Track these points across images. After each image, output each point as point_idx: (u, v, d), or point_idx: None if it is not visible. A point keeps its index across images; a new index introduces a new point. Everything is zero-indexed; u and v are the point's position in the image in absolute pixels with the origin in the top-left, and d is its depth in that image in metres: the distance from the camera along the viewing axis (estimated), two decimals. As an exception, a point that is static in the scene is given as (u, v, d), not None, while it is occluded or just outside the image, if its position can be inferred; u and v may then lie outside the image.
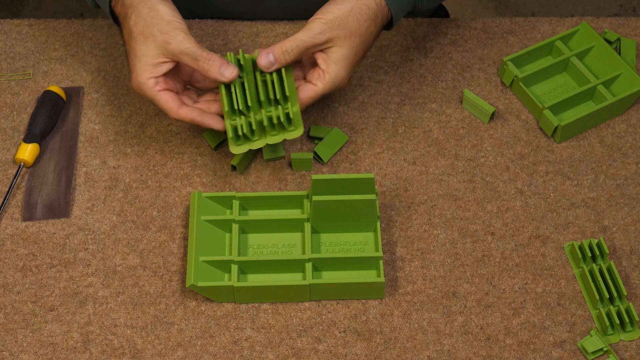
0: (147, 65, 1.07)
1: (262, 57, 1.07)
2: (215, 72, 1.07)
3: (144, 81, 1.08)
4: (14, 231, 1.12)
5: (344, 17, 1.08)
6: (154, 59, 1.07)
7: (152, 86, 1.08)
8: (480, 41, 1.28)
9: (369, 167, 1.17)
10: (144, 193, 1.15)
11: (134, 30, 1.08)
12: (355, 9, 1.09)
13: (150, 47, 1.07)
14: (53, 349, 1.04)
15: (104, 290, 1.08)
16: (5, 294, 1.07)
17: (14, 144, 1.19)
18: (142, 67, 1.07)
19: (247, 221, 1.09)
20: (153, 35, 1.06)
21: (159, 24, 1.06)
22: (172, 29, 1.06)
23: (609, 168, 1.17)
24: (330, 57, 1.09)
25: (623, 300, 1.07)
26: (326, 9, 1.09)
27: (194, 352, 1.04)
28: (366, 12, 1.09)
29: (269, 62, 1.07)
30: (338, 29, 1.08)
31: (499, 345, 1.04)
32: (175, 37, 1.06)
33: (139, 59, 1.07)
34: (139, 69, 1.07)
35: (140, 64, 1.07)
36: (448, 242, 1.11)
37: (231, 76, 1.07)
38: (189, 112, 1.08)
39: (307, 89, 1.10)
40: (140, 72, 1.07)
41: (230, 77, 1.07)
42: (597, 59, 1.23)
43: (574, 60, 1.22)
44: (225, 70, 1.07)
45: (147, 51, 1.07)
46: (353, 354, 1.04)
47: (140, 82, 1.08)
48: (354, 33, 1.09)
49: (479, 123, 1.21)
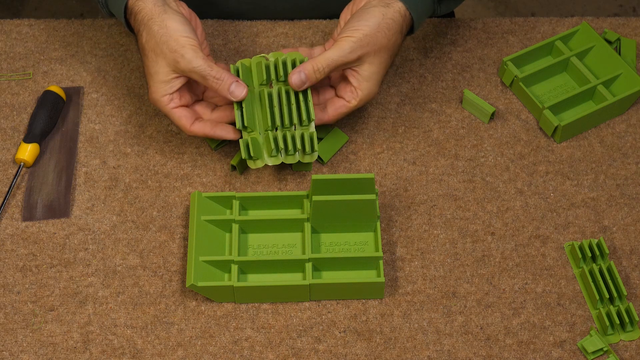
0: (159, 83, 1.09)
1: (294, 76, 1.09)
2: (224, 92, 1.09)
3: (159, 98, 1.10)
4: (14, 231, 1.12)
5: (372, 34, 1.09)
6: (166, 76, 1.09)
7: (166, 103, 1.10)
8: (480, 41, 1.28)
9: (369, 167, 1.17)
10: (144, 193, 1.15)
11: (145, 48, 1.09)
12: (382, 25, 1.10)
13: (161, 65, 1.08)
14: (53, 349, 1.04)
15: (104, 290, 1.08)
16: (5, 294, 1.08)
17: (14, 144, 1.19)
18: (155, 85, 1.09)
19: (247, 221, 1.09)
20: (163, 54, 1.08)
21: (169, 42, 1.07)
22: (180, 47, 1.07)
23: (609, 168, 1.17)
24: (362, 75, 1.11)
25: (623, 300, 1.07)
26: (354, 25, 1.10)
27: (194, 352, 1.04)
28: (393, 26, 1.10)
29: (300, 81, 1.09)
30: (368, 46, 1.09)
31: (499, 345, 1.04)
32: (185, 55, 1.07)
33: (152, 77, 1.09)
34: (153, 86, 1.10)
35: (154, 82, 1.09)
36: (448, 242, 1.11)
37: (241, 95, 1.09)
38: (201, 128, 1.11)
39: (339, 105, 1.12)
40: (155, 89, 1.10)
41: (240, 97, 1.09)
42: (597, 59, 1.23)
43: (574, 60, 1.22)
44: (235, 90, 1.09)
45: (158, 69, 1.08)
46: (353, 354, 1.04)
47: (155, 99, 1.10)
48: (383, 49, 1.10)
49: (479, 123, 1.21)
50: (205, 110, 1.14)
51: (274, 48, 1.27)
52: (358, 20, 1.10)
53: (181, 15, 1.10)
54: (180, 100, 1.11)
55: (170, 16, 1.09)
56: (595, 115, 1.18)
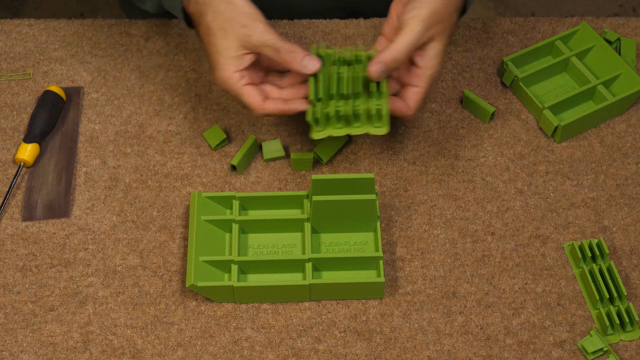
0: (230, 59, 1.06)
1: (374, 67, 1.06)
2: (297, 65, 1.06)
3: (229, 75, 1.07)
4: (14, 231, 1.12)
5: (439, 11, 1.06)
6: (237, 51, 1.06)
7: (237, 80, 1.07)
8: (480, 41, 1.28)
9: (369, 167, 1.17)
10: (144, 193, 1.15)
11: (212, 27, 1.07)
12: (446, 1, 1.07)
13: (231, 40, 1.06)
14: (53, 349, 1.04)
15: (104, 290, 1.08)
16: (5, 294, 1.08)
17: (14, 144, 1.19)
18: (225, 62, 1.06)
19: (247, 221, 1.09)
20: (233, 29, 1.05)
21: (238, 18, 1.05)
22: (252, 21, 1.05)
23: (609, 168, 1.17)
24: (428, 54, 1.07)
25: (623, 300, 1.07)
26: (418, 3, 1.06)
27: (194, 352, 1.04)
28: (455, 2, 1.08)
29: (380, 71, 1.06)
30: (436, 24, 1.06)
31: (499, 345, 1.04)
32: (256, 30, 1.05)
33: (221, 54, 1.07)
34: (223, 64, 1.07)
35: (224, 59, 1.07)
36: (448, 242, 1.11)
37: (314, 68, 1.06)
38: (273, 105, 1.08)
39: (412, 94, 1.08)
40: (224, 66, 1.07)
41: (313, 70, 1.06)
42: (597, 59, 1.23)
43: (574, 60, 1.22)
44: (308, 63, 1.06)
45: (228, 45, 1.06)
46: (353, 354, 1.04)
47: (226, 77, 1.07)
48: (448, 26, 1.08)
49: (479, 123, 1.21)
50: (273, 91, 1.11)
51: (274, 48, 1.27)
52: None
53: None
54: (249, 79, 1.08)
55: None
56: (595, 115, 1.18)
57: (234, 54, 1.06)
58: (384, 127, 1.08)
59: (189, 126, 1.20)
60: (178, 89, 1.23)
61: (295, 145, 1.19)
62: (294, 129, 1.20)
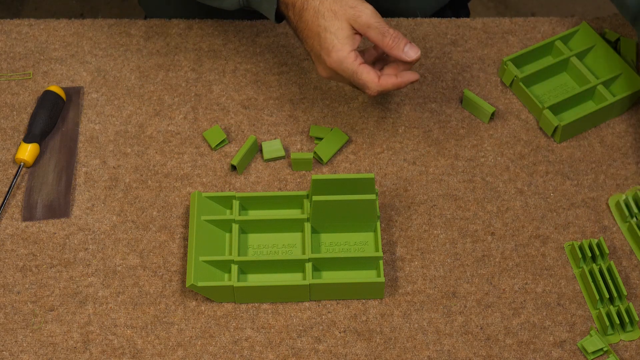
0: (346, 39, 1.06)
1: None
2: (399, 51, 1.07)
3: (346, 55, 1.07)
4: (14, 231, 1.12)
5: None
6: (349, 31, 1.06)
7: (354, 59, 1.07)
8: (480, 41, 1.28)
9: (369, 167, 1.17)
10: (144, 193, 1.15)
11: (321, 9, 1.07)
12: None
13: (342, 21, 1.06)
14: (53, 349, 1.04)
15: (104, 290, 1.08)
16: (5, 294, 1.07)
17: (14, 144, 1.19)
18: (341, 42, 1.06)
19: (247, 221, 1.09)
20: (343, 10, 1.06)
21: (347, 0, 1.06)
22: (360, 3, 1.06)
23: (609, 168, 1.17)
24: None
25: (623, 300, 1.07)
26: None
27: (194, 352, 1.04)
28: None
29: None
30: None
31: (499, 345, 1.04)
32: (364, 11, 1.06)
33: (335, 35, 1.06)
34: (339, 44, 1.06)
35: (339, 39, 1.06)
36: (448, 242, 1.11)
37: (415, 56, 1.07)
38: (388, 80, 1.08)
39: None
40: (341, 47, 1.06)
41: (413, 57, 1.07)
42: (597, 59, 1.23)
43: (574, 60, 1.22)
44: (410, 50, 1.07)
45: (341, 25, 1.06)
46: (353, 354, 1.04)
47: (343, 57, 1.07)
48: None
49: (479, 123, 1.21)
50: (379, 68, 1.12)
51: (274, 48, 1.27)
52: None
53: None
54: (362, 58, 1.08)
55: None
56: (595, 115, 1.18)
57: (348, 34, 1.06)
58: None
59: (189, 126, 1.20)
60: (178, 89, 1.23)
61: (295, 145, 1.19)
62: (294, 129, 1.20)
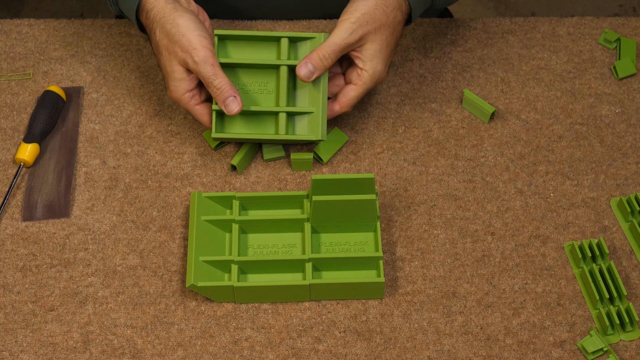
0: (177, 82, 1.10)
1: (301, 68, 1.08)
2: (220, 102, 1.09)
3: (179, 97, 1.11)
4: (14, 231, 1.12)
5: (371, 12, 1.08)
6: (182, 74, 1.09)
7: (188, 101, 1.10)
8: (480, 41, 1.28)
9: (369, 167, 1.17)
10: (144, 193, 1.15)
11: (159, 45, 1.10)
12: (380, 2, 1.09)
13: (174, 63, 1.09)
14: (53, 349, 1.04)
15: (104, 290, 1.08)
16: (5, 294, 1.08)
17: (14, 144, 1.19)
18: (174, 84, 1.10)
19: (247, 221, 1.09)
20: (175, 52, 1.08)
21: (181, 41, 1.08)
22: (192, 48, 1.07)
23: (609, 168, 1.17)
24: (365, 55, 1.10)
25: (623, 300, 1.07)
26: (352, 7, 1.09)
27: (194, 352, 1.04)
28: (390, 2, 1.10)
29: (309, 71, 1.08)
30: (367, 24, 1.08)
31: (499, 345, 1.04)
32: (194, 58, 1.07)
33: (169, 75, 1.10)
34: (172, 85, 1.10)
35: (172, 81, 1.10)
36: (448, 242, 1.11)
37: (233, 112, 1.08)
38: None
39: (347, 90, 1.12)
40: (174, 88, 1.10)
41: (231, 112, 1.09)
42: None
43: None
44: (229, 104, 1.08)
45: (173, 67, 1.09)
46: (353, 354, 1.04)
47: (178, 97, 1.11)
48: (383, 26, 1.09)
49: (479, 123, 1.21)
50: None
51: (274, 48, 1.27)
52: (355, 1, 1.10)
53: (192, 13, 1.10)
54: (200, 97, 1.11)
55: (181, 14, 1.09)
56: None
57: (180, 76, 1.09)
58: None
59: (189, 126, 1.20)
60: (178, 89, 1.23)
61: (295, 145, 1.19)
62: (294, 129, 1.20)
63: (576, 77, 1.25)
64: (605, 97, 1.23)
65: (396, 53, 1.26)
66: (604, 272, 1.07)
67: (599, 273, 1.07)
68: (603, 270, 1.07)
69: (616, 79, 1.24)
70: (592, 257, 1.09)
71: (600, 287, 1.06)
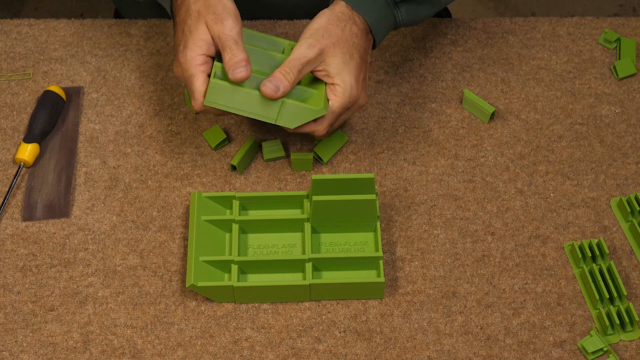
0: (199, 40, 1.08)
1: (265, 85, 1.07)
2: (228, 67, 1.07)
3: (194, 56, 1.07)
4: (14, 231, 1.12)
5: (324, 27, 1.10)
6: (206, 34, 1.08)
7: (199, 63, 1.08)
8: (480, 41, 1.28)
9: (369, 167, 1.17)
10: (144, 193, 1.15)
11: (192, 8, 1.08)
12: (332, 18, 1.10)
13: (202, 24, 1.07)
14: (53, 349, 1.04)
15: (104, 290, 1.08)
16: (5, 294, 1.08)
17: (14, 144, 1.19)
18: (194, 42, 1.08)
19: (247, 221, 1.09)
20: (206, 14, 1.07)
21: (215, 7, 1.07)
22: (224, 13, 1.07)
23: (609, 168, 1.17)
24: (331, 70, 1.10)
25: (623, 300, 1.07)
26: (308, 26, 1.11)
27: (194, 352, 1.04)
28: (342, 17, 1.11)
29: (274, 87, 1.07)
30: (323, 39, 1.09)
31: (499, 345, 1.04)
32: (224, 22, 1.07)
33: (192, 34, 1.08)
34: (192, 43, 1.08)
35: (193, 39, 1.08)
36: (448, 242, 1.11)
37: (238, 77, 1.06)
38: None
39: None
40: (193, 46, 1.08)
41: (237, 78, 1.07)
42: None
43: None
44: (236, 69, 1.07)
45: (200, 27, 1.07)
46: (353, 354, 1.04)
47: (190, 57, 1.07)
48: (340, 40, 1.10)
49: (479, 123, 1.21)
50: None
51: (274, 48, 1.27)
52: (311, 22, 1.11)
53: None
54: (208, 69, 1.09)
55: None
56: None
57: (203, 37, 1.08)
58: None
59: (189, 126, 1.20)
60: (178, 89, 1.23)
61: (295, 145, 1.19)
62: (294, 129, 1.20)
63: (576, 77, 1.25)
64: (605, 97, 1.23)
65: (396, 53, 1.26)
66: (604, 272, 1.07)
67: (599, 273, 1.07)
68: (603, 270, 1.07)
69: (616, 79, 1.24)
70: (592, 257, 1.09)
71: (600, 287, 1.06)
